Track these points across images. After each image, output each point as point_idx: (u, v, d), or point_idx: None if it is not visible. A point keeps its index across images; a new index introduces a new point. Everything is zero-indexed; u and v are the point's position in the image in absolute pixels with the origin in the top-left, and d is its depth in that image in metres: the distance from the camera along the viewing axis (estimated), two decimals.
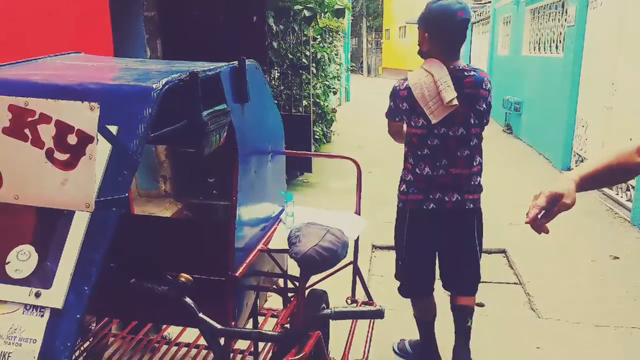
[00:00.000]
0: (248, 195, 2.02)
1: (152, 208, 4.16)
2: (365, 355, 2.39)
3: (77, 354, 2.22)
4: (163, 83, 1.36)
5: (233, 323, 1.84)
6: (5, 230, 1.23)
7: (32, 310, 1.15)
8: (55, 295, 1.15)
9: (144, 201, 4.19)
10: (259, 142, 2.21)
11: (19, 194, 1.18)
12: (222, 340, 1.86)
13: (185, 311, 1.30)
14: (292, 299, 2.34)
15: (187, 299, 1.30)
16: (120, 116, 1.26)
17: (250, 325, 2.24)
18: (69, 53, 1.99)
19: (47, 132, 1.13)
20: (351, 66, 16.65)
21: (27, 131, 1.13)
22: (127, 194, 1.24)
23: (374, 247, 4.56)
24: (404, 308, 3.35)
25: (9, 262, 1.20)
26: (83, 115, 1.13)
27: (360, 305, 2.70)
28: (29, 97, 1.19)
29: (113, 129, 1.24)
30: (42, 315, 1.15)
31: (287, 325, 2.05)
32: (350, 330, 2.52)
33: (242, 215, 1.96)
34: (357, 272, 2.74)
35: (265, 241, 2.19)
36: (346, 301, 2.72)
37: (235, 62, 1.84)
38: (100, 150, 1.18)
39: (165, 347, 2.41)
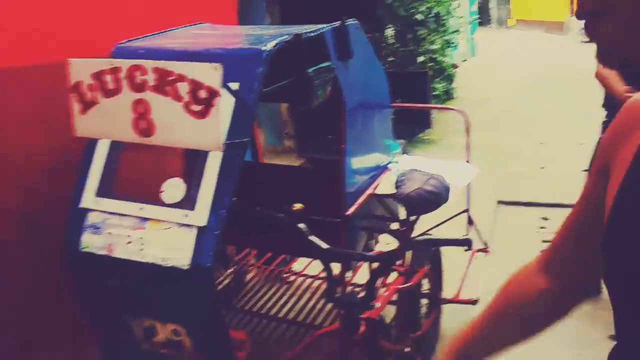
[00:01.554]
0: (356, 145, 2.23)
1: (278, 162, 4.58)
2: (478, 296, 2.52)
3: (222, 277, 2.69)
4: (272, 45, 1.60)
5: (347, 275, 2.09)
6: (160, 166, 1.60)
7: (184, 227, 1.51)
8: (200, 216, 1.49)
9: (272, 156, 4.63)
10: (364, 95, 2.39)
11: (167, 139, 1.53)
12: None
13: (298, 235, 1.57)
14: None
15: (300, 225, 1.56)
16: (239, 75, 1.54)
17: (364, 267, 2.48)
18: (197, 24, 2.33)
19: (184, 89, 1.44)
20: (478, 18, 15.69)
21: (168, 88, 1.46)
22: (248, 138, 1.52)
23: (499, 202, 4.50)
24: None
25: (163, 191, 1.56)
26: (210, 74, 1.42)
27: (475, 253, 2.82)
28: (168, 60, 1.52)
29: (235, 85, 1.53)
30: (191, 231, 1.49)
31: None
32: (465, 272, 2.65)
33: (351, 163, 2.18)
34: (470, 220, 2.84)
35: (375, 187, 2.40)
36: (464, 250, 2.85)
37: (338, 23, 2.03)
38: (226, 102, 1.47)
39: (292, 277, 2.78)
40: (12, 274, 1.98)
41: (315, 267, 2.75)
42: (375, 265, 2.08)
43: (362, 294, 1.56)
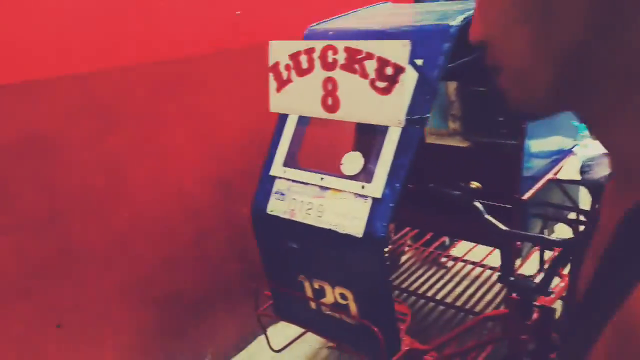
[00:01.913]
0: (538, 126, 2.08)
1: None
2: None
3: None
4: (460, 20, 1.57)
5: (519, 243, 1.99)
6: (341, 140, 1.69)
7: (360, 198, 1.58)
8: (376, 188, 1.55)
9: (434, 138, 4.54)
10: None
11: (350, 115, 1.61)
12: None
13: (474, 214, 1.54)
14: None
15: (477, 203, 1.53)
16: (424, 51, 1.54)
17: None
18: (379, 4, 2.38)
19: (371, 66, 1.50)
20: None
21: (356, 66, 1.52)
22: (428, 115, 1.53)
23: None
24: None
25: (343, 164, 1.66)
26: (398, 51, 1.45)
27: None
28: (357, 40, 1.58)
29: (419, 61, 1.54)
30: (366, 202, 1.57)
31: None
32: None
33: (531, 145, 2.05)
34: None
35: (555, 172, 2.22)
36: None
37: None
38: (409, 79, 1.49)
39: (451, 262, 2.74)
40: (207, 231, 2.30)
41: (475, 254, 2.67)
42: (549, 253, 1.95)
43: (538, 280, 1.48)
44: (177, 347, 2.26)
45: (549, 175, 2.15)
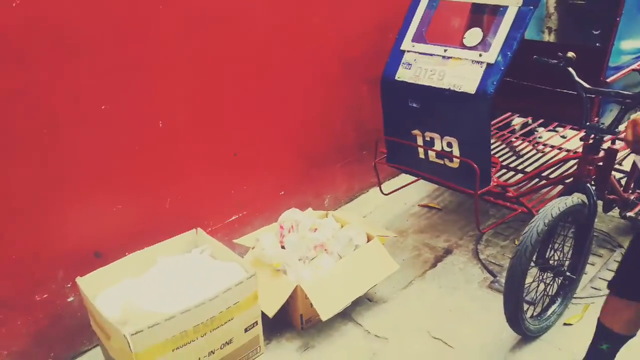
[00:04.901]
0: (628, 24, 2.42)
1: None
2: None
3: None
4: None
5: (597, 119, 2.41)
6: (464, 19, 2.16)
7: (476, 64, 2.09)
8: (491, 56, 2.04)
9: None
10: None
11: None
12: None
13: (568, 77, 1.97)
14: None
15: (570, 69, 1.97)
16: None
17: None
18: None
19: None
20: None
21: None
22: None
23: None
24: None
25: (465, 37, 2.14)
26: None
27: None
28: None
29: None
30: (481, 67, 2.07)
31: None
32: None
33: (621, 39, 2.40)
34: None
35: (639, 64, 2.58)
36: None
37: None
38: None
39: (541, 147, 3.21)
40: (335, 101, 2.89)
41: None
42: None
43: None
44: (307, 188, 2.95)
45: (633, 67, 2.52)
